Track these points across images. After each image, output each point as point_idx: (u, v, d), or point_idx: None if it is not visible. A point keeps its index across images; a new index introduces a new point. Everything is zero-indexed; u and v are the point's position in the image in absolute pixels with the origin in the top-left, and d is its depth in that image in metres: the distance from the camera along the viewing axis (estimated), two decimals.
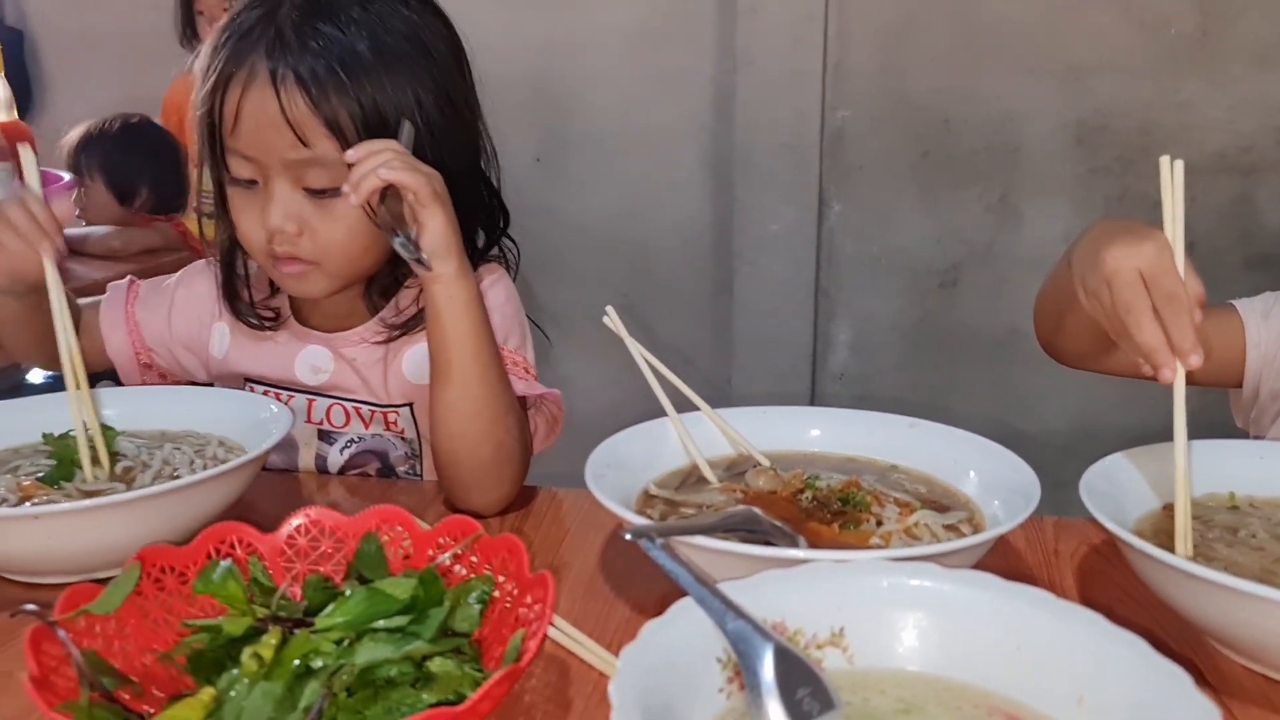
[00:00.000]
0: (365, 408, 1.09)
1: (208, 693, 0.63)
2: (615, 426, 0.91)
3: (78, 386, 0.94)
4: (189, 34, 3.14)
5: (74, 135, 2.51)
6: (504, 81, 1.48)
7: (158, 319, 1.13)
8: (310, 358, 1.09)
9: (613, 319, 0.98)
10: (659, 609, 0.79)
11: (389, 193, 0.88)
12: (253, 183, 0.96)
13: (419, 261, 0.89)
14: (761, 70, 2.84)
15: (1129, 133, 2.68)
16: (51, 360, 0.97)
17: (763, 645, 0.59)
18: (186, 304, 1.13)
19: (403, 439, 1.10)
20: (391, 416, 1.09)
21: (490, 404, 0.93)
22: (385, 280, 1.07)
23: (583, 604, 0.80)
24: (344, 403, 1.09)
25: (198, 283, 1.13)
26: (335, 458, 1.10)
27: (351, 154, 0.86)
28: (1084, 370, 1.06)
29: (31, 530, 0.77)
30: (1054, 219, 2.79)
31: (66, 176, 2.14)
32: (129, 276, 1.17)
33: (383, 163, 0.85)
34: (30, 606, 0.67)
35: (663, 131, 3.01)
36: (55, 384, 2.64)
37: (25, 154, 0.99)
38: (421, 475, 1.11)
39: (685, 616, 0.61)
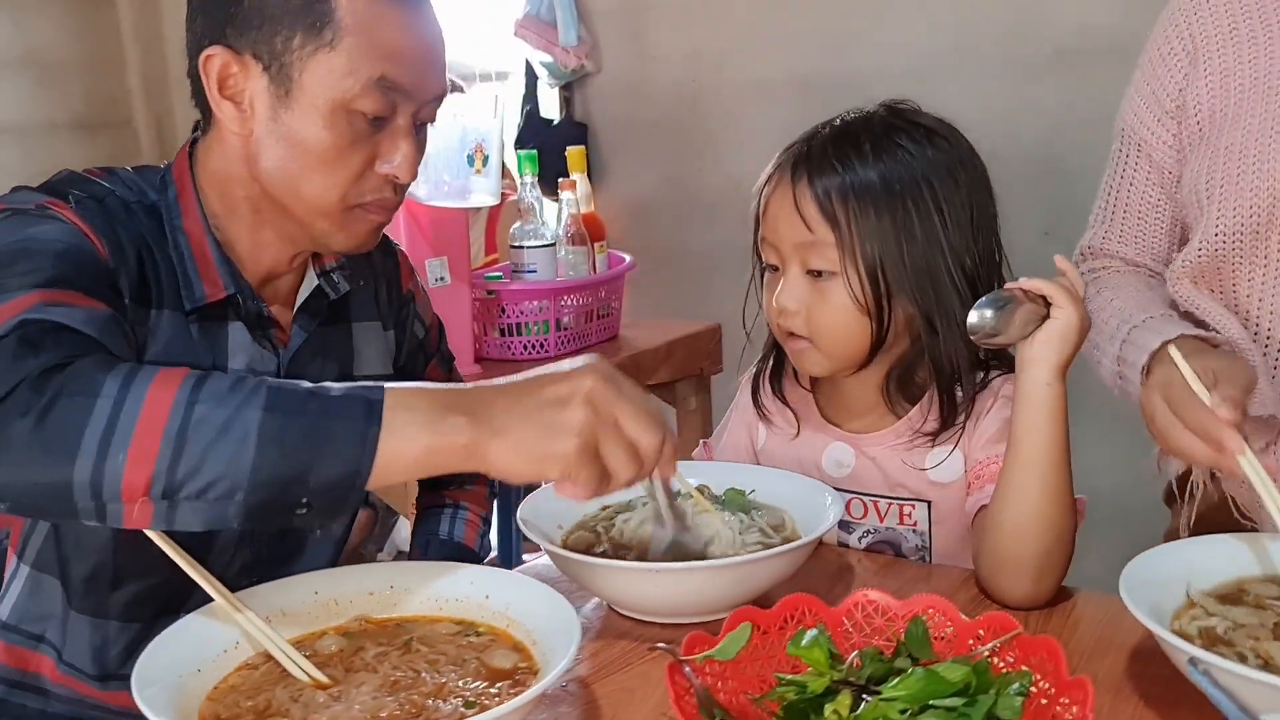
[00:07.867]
0: (883, 502, 1.22)
1: None
2: None
3: None
4: None
5: None
6: (1012, 157, 1.56)
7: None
8: (835, 453, 1.25)
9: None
10: None
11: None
12: (775, 269, 1.19)
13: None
14: None
15: None
16: None
17: None
18: (740, 410, 1.35)
19: (915, 531, 1.21)
20: (908, 509, 1.20)
21: (1061, 493, 1.02)
22: (902, 379, 1.20)
23: (1110, 712, 0.86)
24: (863, 497, 1.23)
25: (742, 393, 1.36)
26: (853, 545, 1.24)
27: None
28: None
29: (654, 580, 0.99)
30: None
31: (628, 258, 2.52)
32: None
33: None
34: (662, 645, 0.88)
35: None
36: None
37: None
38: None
39: None
